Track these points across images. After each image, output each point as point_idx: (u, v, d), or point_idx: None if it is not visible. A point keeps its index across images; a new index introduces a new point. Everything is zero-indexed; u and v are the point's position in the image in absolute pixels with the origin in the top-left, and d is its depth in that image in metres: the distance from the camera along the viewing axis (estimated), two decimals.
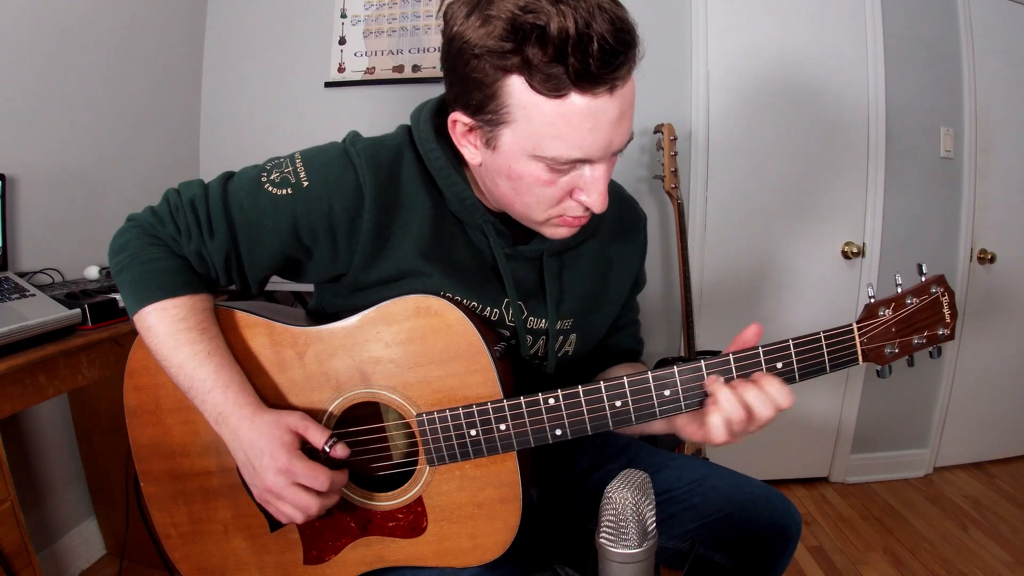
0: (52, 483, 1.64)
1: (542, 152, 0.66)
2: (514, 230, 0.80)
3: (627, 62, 0.62)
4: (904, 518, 2.03)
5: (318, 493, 0.70)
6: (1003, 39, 2.13)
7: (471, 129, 0.70)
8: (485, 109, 0.66)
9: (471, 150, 0.72)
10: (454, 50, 0.66)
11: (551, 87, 0.61)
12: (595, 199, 0.70)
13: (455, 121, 0.71)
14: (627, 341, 0.97)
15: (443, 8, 0.68)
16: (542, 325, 0.84)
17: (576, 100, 0.62)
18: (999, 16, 2.13)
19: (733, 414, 0.66)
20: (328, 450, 0.72)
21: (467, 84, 0.66)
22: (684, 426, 0.74)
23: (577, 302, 0.86)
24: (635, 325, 0.99)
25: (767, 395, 0.66)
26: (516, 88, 0.63)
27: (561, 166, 0.67)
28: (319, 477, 0.69)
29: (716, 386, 0.67)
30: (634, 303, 0.98)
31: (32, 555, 1.12)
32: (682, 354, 1.95)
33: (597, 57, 0.59)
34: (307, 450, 0.72)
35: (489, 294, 0.79)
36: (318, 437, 0.72)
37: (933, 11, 2.07)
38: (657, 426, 0.79)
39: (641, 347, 1.00)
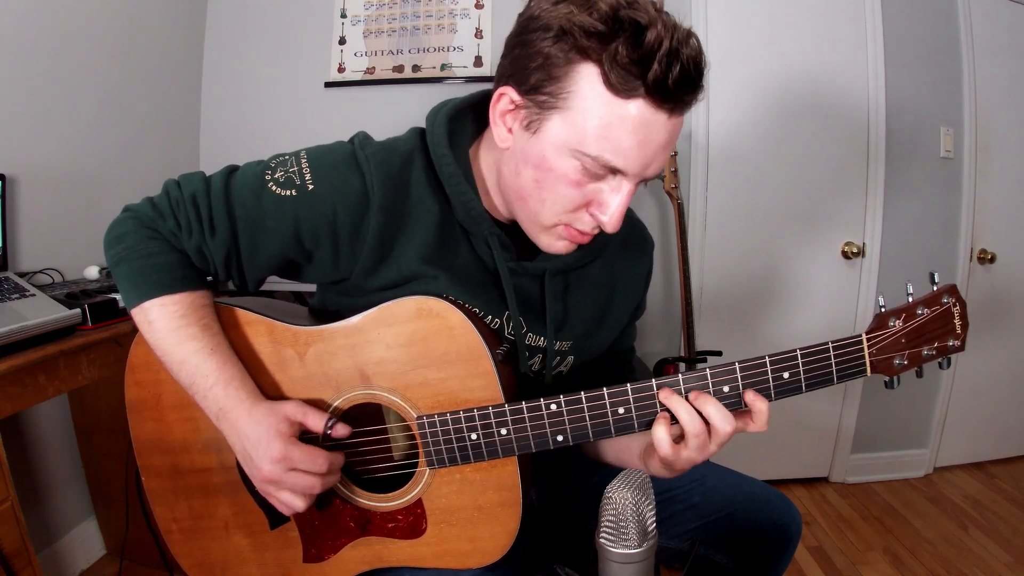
0: (52, 483, 1.64)
1: (585, 148, 0.65)
2: (519, 245, 0.78)
3: (695, 93, 0.64)
4: (904, 518, 2.03)
5: (320, 475, 0.70)
6: (1003, 39, 2.13)
7: (515, 108, 0.69)
8: (543, 90, 0.65)
9: (503, 132, 0.71)
10: (532, 27, 0.65)
11: (624, 87, 0.62)
12: (611, 218, 0.69)
13: (502, 95, 0.70)
14: (619, 362, 0.96)
15: None
16: (540, 343, 0.83)
17: (639, 108, 0.63)
18: (999, 16, 2.13)
19: (691, 426, 0.66)
20: (330, 432, 0.72)
21: (533, 61, 0.65)
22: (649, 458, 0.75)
23: (578, 325, 0.85)
24: (630, 352, 0.97)
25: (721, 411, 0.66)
26: (586, 76, 0.63)
27: (597, 170, 0.66)
28: (317, 460, 0.70)
29: (674, 399, 0.67)
30: (632, 330, 0.96)
31: (32, 555, 1.12)
32: (682, 354, 1.95)
33: (676, 77, 0.61)
34: (306, 438, 0.72)
35: (491, 304, 0.79)
36: (317, 422, 0.72)
37: (933, 11, 2.07)
38: (634, 459, 0.81)
39: (631, 376, 0.97)
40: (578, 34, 0.62)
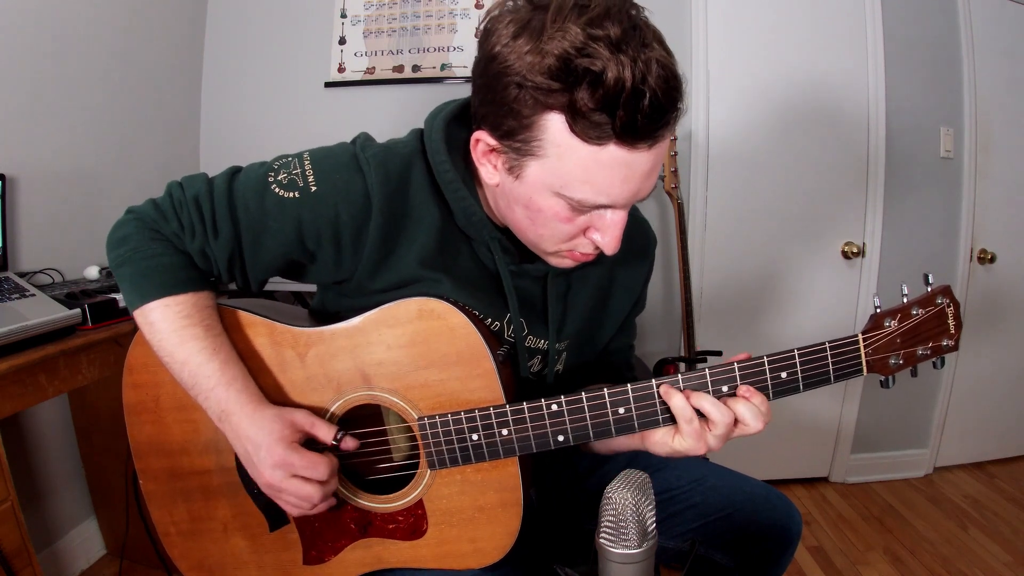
0: (52, 483, 1.64)
1: (568, 193, 0.65)
2: (520, 247, 0.79)
3: (672, 121, 0.62)
4: (904, 518, 2.03)
5: (320, 483, 0.71)
6: (1003, 39, 2.13)
7: (494, 150, 0.69)
8: (515, 137, 0.64)
9: (490, 170, 0.71)
10: (493, 71, 0.63)
11: (593, 135, 0.60)
12: (609, 242, 0.69)
13: (478, 140, 0.69)
14: (617, 360, 0.96)
15: (485, 20, 0.65)
16: (540, 344, 0.83)
17: (614, 150, 0.61)
18: (999, 16, 2.13)
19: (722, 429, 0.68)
20: (338, 444, 0.73)
21: (501, 108, 0.64)
22: (659, 439, 0.74)
23: (577, 324, 0.86)
24: (628, 351, 0.98)
25: (757, 408, 0.67)
26: (554, 126, 0.61)
27: (584, 208, 0.66)
28: (319, 466, 0.70)
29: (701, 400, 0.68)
30: (631, 326, 0.96)
31: (32, 555, 1.12)
32: (682, 354, 1.95)
33: (646, 113, 0.58)
34: (309, 445, 0.73)
35: (492, 307, 0.79)
36: (326, 433, 0.73)
37: (933, 11, 2.07)
38: (627, 443, 0.79)
39: (630, 374, 0.98)
40: (534, 91, 0.60)
